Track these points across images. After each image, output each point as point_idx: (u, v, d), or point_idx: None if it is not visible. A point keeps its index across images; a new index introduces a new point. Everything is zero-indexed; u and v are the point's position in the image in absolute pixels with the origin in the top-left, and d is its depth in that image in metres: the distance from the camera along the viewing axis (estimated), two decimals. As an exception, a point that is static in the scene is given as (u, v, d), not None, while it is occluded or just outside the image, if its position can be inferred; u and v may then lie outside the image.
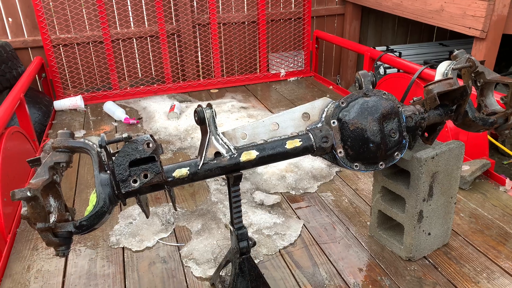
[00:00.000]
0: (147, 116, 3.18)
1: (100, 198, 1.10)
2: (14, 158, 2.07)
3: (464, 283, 1.46)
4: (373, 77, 1.37)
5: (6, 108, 2.22)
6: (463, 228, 1.75)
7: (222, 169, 1.23)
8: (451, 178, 1.52)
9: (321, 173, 2.24)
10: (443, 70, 1.52)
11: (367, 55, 3.34)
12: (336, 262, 1.59)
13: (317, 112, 1.35)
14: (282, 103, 3.41)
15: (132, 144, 1.10)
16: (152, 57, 3.89)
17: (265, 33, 4.01)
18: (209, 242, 1.72)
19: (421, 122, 1.39)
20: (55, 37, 3.47)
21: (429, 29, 5.07)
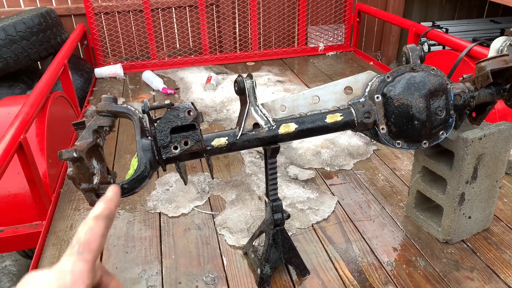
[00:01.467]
0: (184, 87, 3.21)
1: (141, 162, 1.12)
2: (57, 122, 2.15)
3: (504, 269, 1.41)
4: (421, 52, 1.30)
5: (51, 73, 2.29)
6: (506, 214, 1.68)
7: (260, 140, 1.22)
8: (498, 161, 1.45)
9: (358, 150, 2.20)
10: (498, 46, 1.43)
11: (411, 31, 3.19)
12: (370, 240, 1.57)
13: (360, 86, 1.31)
14: (320, 78, 3.34)
15: (174, 111, 1.11)
16: (190, 28, 3.88)
17: (305, 5, 3.90)
18: (243, 213, 1.74)
19: (470, 101, 1.33)
20: (97, 5, 3.52)
21: (479, 4, 4.77)
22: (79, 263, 0.40)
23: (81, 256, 0.41)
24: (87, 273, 0.40)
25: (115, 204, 0.46)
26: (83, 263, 0.41)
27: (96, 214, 0.45)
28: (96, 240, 0.43)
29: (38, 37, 2.96)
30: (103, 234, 0.44)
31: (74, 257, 0.41)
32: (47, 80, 2.17)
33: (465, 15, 4.84)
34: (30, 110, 1.81)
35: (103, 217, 0.45)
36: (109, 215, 0.45)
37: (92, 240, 0.42)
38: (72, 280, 0.39)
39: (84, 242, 0.42)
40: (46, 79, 2.17)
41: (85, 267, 0.40)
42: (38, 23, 2.98)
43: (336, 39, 4.05)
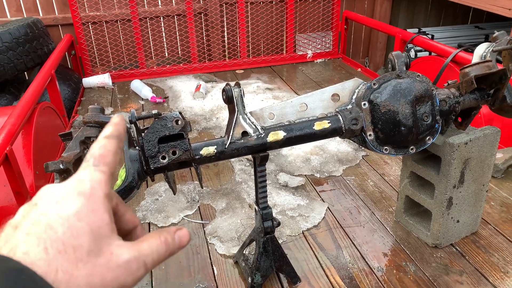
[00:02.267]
0: (173, 95, 3.20)
1: (129, 173, 1.11)
2: (45, 133, 2.13)
3: (493, 273, 1.43)
4: (407, 58, 1.32)
5: (38, 84, 2.27)
6: (494, 217, 1.70)
7: (249, 148, 1.22)
8: (484, 165, 1.47)
9: (347, 156, 2.21)
10: (482, 52, 1.46)
11: (398, 37, 3.24)
12: (360, 246, 1.58)
13: (347, 93, 1.32)
14: (308, 85, 3.36)
15: (162, 120, 1.11)
16: (179, 36, 3.89)
17: (293, 13, 3.93)
18: (233, 221, 1.73)
19: (455, 106, 1.35)
20: (84, 14, 3.51)
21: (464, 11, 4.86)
22: (96, 173, 0.40)
23: (97, 168, 0.40)
24: (105, 183, 0.39)
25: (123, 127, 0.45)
26: (100, 173, 0.40)
27: (107, 134, 0.44)
28: (110, 154, 0.42)
29: (24, 48, 2.94)
30: (116, 151, 0.43)
31: (91, 168, 0.40)
32: (34, 90, 2.15)
33: (450, 22, 4.93)
34: (16, 121, 1.79)
35: (114, 137, 0.44)
36: (119, 136, 0.44)
37: (106, 154, 0.41)
38: (91, 186, 0.38)
39: (99, 156, 0.41)
40: (32, 90, 2.15)
41: (102, 177, 0.40)
42: (25, 34, 2.96)
43: (324, 46, 4.09)
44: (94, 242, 0.36)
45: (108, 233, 0.37)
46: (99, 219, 0.37)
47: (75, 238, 0.35)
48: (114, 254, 0.37)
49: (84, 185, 0.38)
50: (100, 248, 0.36)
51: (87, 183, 0.38)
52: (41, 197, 0.38)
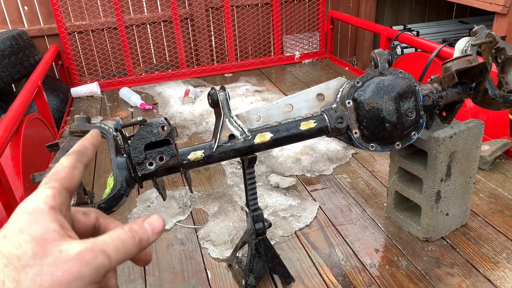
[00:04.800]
0: (162, 102, 3.20)
1: (118, 181, 1.12)
2: (34, 145, 2.12)
3: (483, 263, 1.45)
4: (389, 56, 1.34)
5: (25, 96, 2.26)
6: (482, 209, 1.73)
7: (237, 151, 1.23)
8: (470, 157, 1.50)
9: (337, 155, 2.23)
10: (462, 46, 1.48)
11: (383, 35, 3.27)
12: (353, 243, 1.59)
13: (332, 93, 1.34)
14: (297, 86, 3.38)
15: (147, 127, 1.11)
16: (166, 42, 3.89)
17: (279, 15, 3.95)
18: (226, 224, 1.74)
19: (438, 101, 1.37)
20: (70, 24, 3.50)
21: (448, 6, 4.92)
22: (43, 190, 0.40)
23: (46, 185, 0.41)
24: (53, 197, 0.40)
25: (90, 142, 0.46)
26: (48, 189, 0.40)
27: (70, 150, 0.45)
28: (64, 170, 0.42)
29: (10, 60, 2.92)
30: (73, 166, 0.43)
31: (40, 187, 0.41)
32: (20, 102, 2.14)
33: (435, 17, 4.98)
34: (4, 134, 1.78)
35: (75, 152, 0.45)
36: (82, 150, 0.45)
37: (59, 171, 0.42)
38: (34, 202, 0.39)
39: (51, 174, 0.42)
40: (19, 102, 2.14)
41: (49, 191, 0.40)
42: (10, 46, 2.95)
43: (311, 47, 4.12)
44: (39, 246, 0.36)
45: (56, 237, 0.37)
46: (43, 228, 0.37)
47: (17, 248, 0.35)
48: (64, 251, 0.36)
49: (27, 205, 0.39)
50: (46, 250, 0.36)
51: (30, 201, 0.39)
52: None
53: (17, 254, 0.35)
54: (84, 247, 0.37)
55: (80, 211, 0.46)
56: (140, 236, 0.41)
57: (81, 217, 0.45)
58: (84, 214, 0.46)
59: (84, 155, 0.45)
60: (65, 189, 0.41)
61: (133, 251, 0.40)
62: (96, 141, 0.48)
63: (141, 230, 0.41)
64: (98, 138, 0.48)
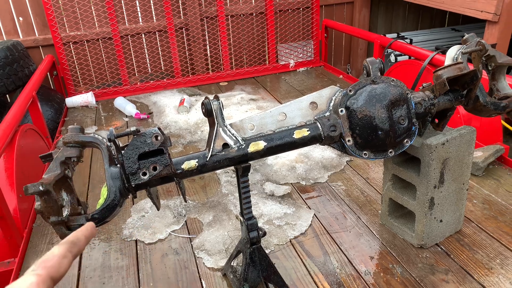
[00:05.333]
0: (158, 111, 3.21)
1: (111, 191, 1.12)
2: (28, 155, 2.11)
3: (477, 270, 1.45)
4: (381, 64, 1.36)
5: (19, 106, 2.26)
6: (476, 215, 1.73)
7: (231, 160, 1.24)
8: (463, 164, 1.51)
9: (332, 163, 2.24)
10: (453, 54, 1.50)
11: (377, 43, 3.30)
12: (347, 251, 1.59)
13: (325, 101, 1.35)
14: (292, 94, 3.39)
15: (141, 137, 1.12)
16: (161, 52, 3.90)
17: (274, 24, 3.98)
18: (220, 233, 1.73)
19: (430, 108, 1.38)
20: (65, 35, 3.51)
21: (441, 14, 4.97)
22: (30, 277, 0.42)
23: (33, 272, 0.43)
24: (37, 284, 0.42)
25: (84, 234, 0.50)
26: (34, 276, 0.43)
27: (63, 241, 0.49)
28: (53, 259, 0.45)
29: (5, 71, 2.92)
30: (62, 255, 0.46)
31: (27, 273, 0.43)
32: (15, 113, 2.14)
33: (428, 25, 5.03)
34: (-2, 145, 1.77)
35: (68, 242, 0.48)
36: (74, 241, 0.49)
37: (48, 259, 0.45)
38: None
39: (40, 261, 0.45)
40: (13, 112, 2.13)
41: (34, 279, 0.42)
42: (5, 57, 2.95)
43: (306, 55, 4.15)
44: None
45: None
46: None
47: None
48: None
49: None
50: None
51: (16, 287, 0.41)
52: None
53: None
54: None
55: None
56: None
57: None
58: None
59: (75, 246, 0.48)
60: (50, 278, 0.44)
61: None
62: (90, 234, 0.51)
63: None
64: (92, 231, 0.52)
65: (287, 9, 4.05)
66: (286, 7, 4.04)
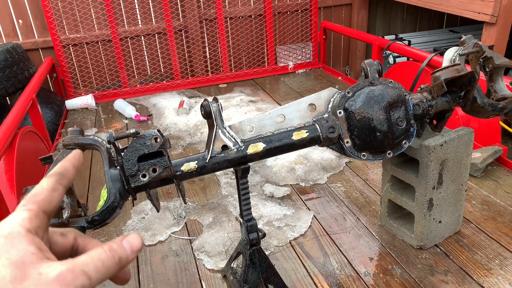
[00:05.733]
0: (157, 113, 3.21)
1: (111, 193, 1.12)
2: (28, 158, 2.12)
3: (477, 270, 1.45)
4: (379, 66, 1.36)
5: (19, 109, 2.27)
6: (475, 216, 1.74)
7: (230, 162, 1.24)
8: (461, 165, 1.51)
9: (331, 164, 2.24)
10: (451, 56, 1.51)
11: (375, 45, 3.31)
12: (347, 252, 1.60)
13: (323, 103, 1.35)
14: (291, 96, 3.40)
15: (140, 139, 1.12)
16: (161, 54, 3.91)
17: (272, 26, 3.99)
18: (220, 235, 1.74)
19: (428, 110, 1.38)
20: (64, 37, 3.52)
21: (438, 16, 4.99)
22: (20, 213, 0.40)
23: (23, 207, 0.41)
24: (29, 219, 0.40)
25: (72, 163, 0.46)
26: (25, 211, 0.40)
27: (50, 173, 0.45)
28: (43, 193, 0.42)
29: (4, 73, 2.93)
30: (52, 188, 0.43)
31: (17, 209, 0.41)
32: (15, 115, 2.14)
33: (426, 27, 5.05)
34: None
35: (56, 174, 0.45)
36: (62, 172, 0.45)
37: (38, 193, 0.42)
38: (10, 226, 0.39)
39: (30, 196, 0.42)
40: (13, 115, 2.14)
41: (26, 214, 0.40)
42: (4, 59, 2.96)
43: (305, 57, 4.16)
44: (18, 270, 0.36)
45: (34, 260, 0.37)
46: (20, 251, 0.37)
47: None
48: (43, 273, 0.36)
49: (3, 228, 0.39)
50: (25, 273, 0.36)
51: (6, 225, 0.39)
52: None
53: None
54: (64, 268, 0.37)
55: (57, 232, 0.46)
56: (120, 255, 0.41)
57: (59, 238, 0.45)
58: (62, 235, 0.46)
59: (64, 177, 0.45)
60: (42, 212, 0.41)
61: (112, 270, 0.40)
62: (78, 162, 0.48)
63: (120, 249, 0.42)
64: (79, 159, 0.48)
65: (285, 11, 4.07)
66: (284, 9, 4.05)
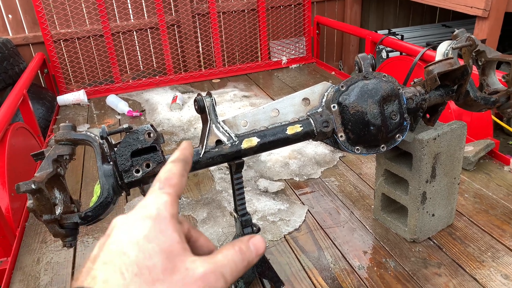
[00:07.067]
0: (150, 108, 3.19)
1: (104, 189, 1.11)
2: (19, 154, 2.10)
3: (469, 263, 1.47)
4: (372, 60, 1.36)
5: (9, 104, 2.24)
6: (468, 209, 1.75)
7: (224, 156, 1.24)
8: (454, 159, 1.52)
9: (325, 158, 2.25)
10: (444, 50, 1.51)
11: (368, 39, 3.31)
12: (341, 246, 1.60)
13: (317, 97, 1.35)
14: (285, 91, 3.40)
15: (133, 134, 1.11)
16: (153, 49, 3.88)
17: (265, 21, 3.98)
18: (215, 230, 1.73)
19: (422, 104, 1.39)
20: (55, 32, 3.48)
21: (431, 11, 5.00)
22: (162, 195, 0.40)
23: (162, 191, 0.41)
24: (171, 204, 0.40)
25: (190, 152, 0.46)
26: (165, 195, 0.40)
27: (173, 159, 0.45)
28: (175, 177, 0.42)
29: (-6, 69, 2.89)
30: (181, 174, 0.43)
31: (156, 192, 0.41)
32: (5, 111, 2.12)
33: (418, 21, 5.06)
34: (-12, 144, 1.76)
35: (180, 160, 0.44)
36: (186, 159, 0.45)
37: (171, 177, 0.42)
38: (156, 208, 0.39)
39: (164, 179, 0.42)
40: (4, 111, 2.11)
41: (168, 198, 0.40)
42: (-6, 54, 2.92)
43: (298, 52, 4.15)
44: (168, 260, 0.36)
45: (180, 251, 0.38)
46: (168, 238, 0.38)
47: (148, 259, 0.36)
48: (190, 269, 0.37)
49: (149, 209, 0.39)
50: (174, 265, 0.36)
51: (152, 206, 0.39)
52: (113, 227, 0.39)
53: (148, 265, 0.35)
54: (207, 268, 0.37)
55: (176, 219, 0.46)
56: (248, 258, 0.41)
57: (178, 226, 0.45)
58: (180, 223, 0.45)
59: (188, 164, 0.45)
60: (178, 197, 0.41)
61: (241, 274, 0.40)
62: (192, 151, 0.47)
63: (248, 251, 0.41)
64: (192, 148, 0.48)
65: (278, 5, 4.05)
66: (277, 3, 4.04)
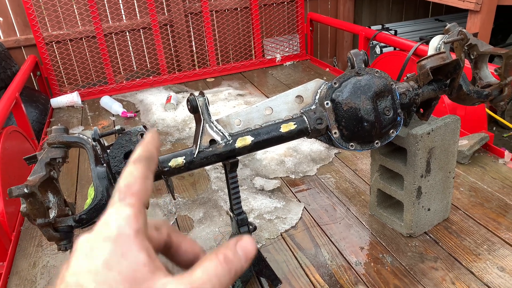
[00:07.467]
0: (144, 109, 3.18)
1: (98, 191, 1.10)
2: (13, 158, 2.08)
3: (465, 256, 1.47)
4: (365, 56, 1.36)
5: (2, 108, 2.22)
6: (463, 202, 1.76)
7: (218, 156, 1.23)
8: (448, 153, 1.52)
9: (320, 155, 2.25)
10: (436, 44, 1.51)
11: (361, 35, 3.31)
12: (338, 242, 1.60)
13: (310, 94, 1.35)
14: (279, 88, 3.39)
15: (126, 135, 1.11)
16: (146, 49, 3.86)
17: (259, 18, 3.97)
18: (211, 230, 1.73)
19: (415, 99, 1.39)
20: (47, 34, 3.45)
21: (424, 5, 5.01)
22: (122, 209, 0.35)
23: (123, 202, 0.36)
24: (134, 217, 0.35)
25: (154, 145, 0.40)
26: (126, 208, 0.35)
27: (134, 157, 0.39)
28: (137, 182, 0.37)
29: (-14, 72, 2.87)
30: (144, 176, 0.38)
31: (116, 205, 0.36)
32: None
33: (412, 16, 5.07)
34: (-19, 148, 1.74)
35: (142, 159, 0.39)
36: (149, 156, 0.39)
37: (132, 183, 0.37)
38: (117, 226, 0.34)
39: (124, 186, 0.36)
40: (-4, 115, 2.10)
41: (130, 211, 0.35)
42: (-14, 58, 2.90)
43: (292, 49, 4.14)
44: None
45: (146, 275, 0.33)
46: (132, 262, 0.33)
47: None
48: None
49: (109, 228, 0.34)
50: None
51: (112, 224, 0.34)
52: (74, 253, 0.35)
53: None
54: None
55: (152, 226, 0.40)
56: (236, 267, 0.36)
57: (154, 233, 0.40)
58: (157, 229, 0.41)
59: (152, 162, 0.39)
60: (143, 205, 0.36)
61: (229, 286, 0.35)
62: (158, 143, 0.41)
63: (235, 258, 0.36)
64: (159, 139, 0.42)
65: (271, 3, 4.04)
66: (270, 1, 4.02)
